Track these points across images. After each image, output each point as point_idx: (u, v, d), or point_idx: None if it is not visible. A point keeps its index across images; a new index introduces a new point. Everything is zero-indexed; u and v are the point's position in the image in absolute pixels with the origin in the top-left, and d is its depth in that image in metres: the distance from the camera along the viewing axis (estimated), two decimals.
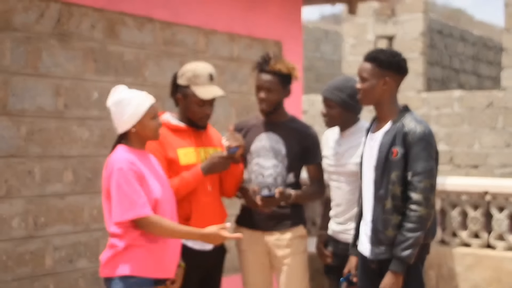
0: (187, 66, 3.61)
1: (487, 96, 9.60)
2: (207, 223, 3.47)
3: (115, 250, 3.07)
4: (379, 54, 3.33)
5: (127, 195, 3.00)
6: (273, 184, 3.78)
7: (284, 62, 3.76)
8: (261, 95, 3.75)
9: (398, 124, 3.26)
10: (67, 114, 4.40)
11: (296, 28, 6.22)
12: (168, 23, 5.07)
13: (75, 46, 4.45)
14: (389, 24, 10.80)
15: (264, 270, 3.91)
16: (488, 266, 5.52)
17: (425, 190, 3.16)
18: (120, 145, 3.18)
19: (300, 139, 3.82)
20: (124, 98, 3.15)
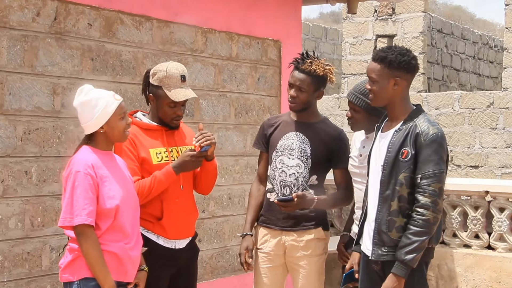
0: (159, 66, 3.60)
1: (488, 96, 9.61)
2: (178, 223, 3.51)
3: (74, 254, 3.05)
4: (387, 54, 3.28)
5: (78, 201, 2.97)
6: (294, 183, 3.78)
7: (321, 63, 3.76)
8: (292, 93, 3.76)
9: (410, 124, 3.24)
10: (64, 114, 4.40)
11: (295, 27, 6.22)
12: (166, 21, 5.07)
13: (72, 44, 4.45)
14: (389, 23, 10.81)
15: (277, 270, 3.89)
16: (489, 267, 5.53)
17: (433, 194, 3.13)
18: (84, 146, 3.15)
19: (328, 142, 3.81)
20: (91, 99, 3.12)
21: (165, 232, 3.51)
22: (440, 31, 12.41)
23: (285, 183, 3.80)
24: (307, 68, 3.72)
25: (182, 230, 3.61)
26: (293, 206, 3.64)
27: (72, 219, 2.99)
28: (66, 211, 3.01)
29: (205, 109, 5.38)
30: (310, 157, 3.79)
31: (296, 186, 3.76)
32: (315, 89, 3.77)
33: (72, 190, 3.00)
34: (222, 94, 5.55)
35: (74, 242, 3.06)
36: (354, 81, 10.51)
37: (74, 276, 3.04)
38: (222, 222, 5.54)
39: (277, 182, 3.82)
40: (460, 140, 9.69)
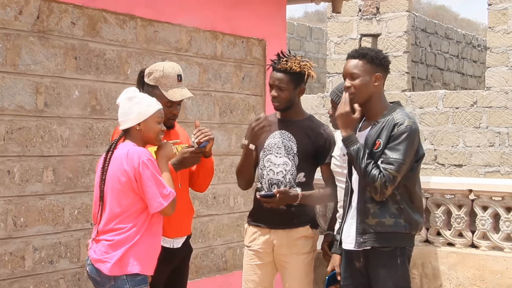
0: (156, 66, 3.62)
1: (471, 95, 9.66)
2: (176, 221, 3.54)
3: (124, 246, 3.16)
4: (367, 51, 3.39)
5: (162, 182, 3.18)
6: (282, 181, 3.81)
7: (298, 60, 3.80)
8: (273, 93, 3.82)
9: (388, 117, 3.31)
10: (47, 113, 4.37)
11: (280, 26, 6.22)
12: (150, 20, 5.05)
13: (55, 43, 4.42)
14: (374, 22, 10.83)
15: (266, 268, 3.91)
16: (472, 265, 5.55)
17: (387, 177, 3.20)
18: (127, 142, 3.28)
19: (313, 139, 3.86)
20: (136, 96, 3.31)
21: (164, 231, 3.51)
22: (424, 31, 12.46)
23: (272, 181, 3.83)
24: (283, 66, 3.77)
25: (180, 228, 3.65)
26: (275, 202, 3.69)
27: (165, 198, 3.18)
28: (157, 195, 3.17)
29: (189, 108, 5.36)
30: (296, 155, 3.82)
31: (283, 183, 3.80)
32: (295, 86, 3.80)
33: (154, 176, 3.16)
34: (207, 93, 5.53)
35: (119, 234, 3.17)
36: (339, 80, 10.53)
37: (123, 270, 3.16)
38: (207, 221, 5.53)
39: (266, 181, 3.86)
40: (444, 139, 9.73)
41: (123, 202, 3.18)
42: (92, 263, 3.23)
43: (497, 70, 9.58)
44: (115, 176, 3.20)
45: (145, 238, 3.21)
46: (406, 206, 3.30)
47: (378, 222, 3.29)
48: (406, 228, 3.30)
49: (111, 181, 3.21)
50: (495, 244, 5.55)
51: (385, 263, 3.31)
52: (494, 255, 5.50)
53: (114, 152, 3.26)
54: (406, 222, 3.30)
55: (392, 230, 3.29)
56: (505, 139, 9.34)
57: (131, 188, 3.17)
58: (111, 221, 3.20)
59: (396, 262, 3.31)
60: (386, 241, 3.30)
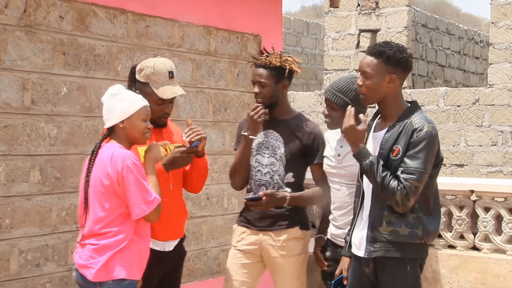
0: (146, 62, 3.61)
1: (473, 93, 9.66)
2: (167, 223, 3.53)
3: (109, 254, 3.13)
4: (386, 49, 3.26)
5: (146, 187, 3.16)
6: (270, 182, 3.82)
7: (278, 55, 3.82)
8: (255, 90, 3.84)
9: (405, 121, 3.23)
10: (35, 110, 4.35)
11: (276, 21, 6.21)
12: (142, 15, 5.03)
13: (42, 38, 4.40)
14: (373, 17, 10.83)
15: (250, 267, 3.91)
16: (474, 268, 5.55)
17: (408, 188, 3.13)
18: (111, 142, 3.26)
19: (302, 138, 3.86)
20: (120, 93, 3.29)
21: (155, 233, 3.51)
22: (424, 26, 12.46)
23: (261, 182, 3.86)
24: (263, 61, 3.80)
25: (172, 231, 3.64)
26: (262, 205, 3.69)
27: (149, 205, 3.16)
28: (140, 201, 3.14)
29: (182, 105, 5.34)
30: (284, 155, 3.84)
31: (271, 184, 3.81)
32: (276, 81, 3.82)
33: (137, 180, 3.14)
34: (200, 90, 5.52)
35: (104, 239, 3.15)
36: (336, 77, 10.52)
37: (109, 276, 3.14)
38: (200, 223, 5.52)
39: (254, 182, 3.88)
40: (445, 138, 9.73)
41: (107, 206, 3.17)
42: (77, 268, 3.22)
43: (500, 67, 9.58)
44: (98, 179, 3.18)
45: (132, 243, 3.19)
46: (424, 215, 3.24)
47: (393, 231, 3.23)
48: (422, 239, 3.25)
49: (94, 184, 3.20)
50: (498, 247, 5.55)
51: (395, 270, 3.27)
52: (496, 258, 5.50)
53: (98, 153, 3.24)
54: (423, 233, 3.23)
55: (406, 241, 3.23)
56: (508, 138, 9.35)
57: (114, 192, 3.15)
58: (95, 224, 3.18)
59: (406, 269, 3.26)
60: (398, 252, 3.23)
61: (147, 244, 3.30)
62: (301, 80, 15.08)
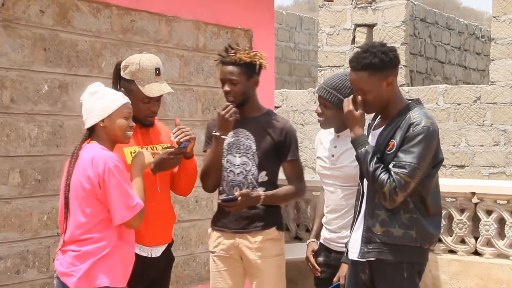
0: (132, 58, 3.60)
1: (474, 90, 9.69)
2: (155, 228, 3.53)
3: (92, 258, 3.12)
4: (369, 58, 3.25)
5: (129, 192, 3.15)
6: (243, 182, 3.85)
7: (246, 50, 3.87)
8: (225, 89, 3.85)
9: (404, 117, 3.25)
10: (14, 109, 4.35)
11: (267, 16, 6.22)
12: (127, 9, 5.03)
13: (22, 33, 4.39)
14: (369, 12, 10.85)
15: (234, 275, 3.95)
16: (475, 274, 5.58)
17: (398, 183, 3.14)
18: (92, 143, 3.25)
19: (273, 135, 3.89)
20: (99, 91, 3.28)
21: (141, 238, 3.50)
22: (423, 20, 12.49)
23: (234, 183, 3.88)
24: (232, 58, 3.82)
25: (159, 236, 3.63)
26: (237, 205, 3.73)
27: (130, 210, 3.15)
28: (121, 206, 3.13)
29: (169, 104, 5.35)
30: (256, 153, 3.87)
31: (245, 185, 3.85)
32: (247, 77, 3.85)
33: (119, 184, 3.13)
34: (188, 88, 5.52)
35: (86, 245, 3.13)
36: (331, 74, 10.53)
37: (91, 284, 3.13)
38: (189, 227, 5.53)
39: (227, 183, 3.90)
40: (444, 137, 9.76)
41: (88, 211, 3.15)
42: (58, 276, 3.20)
43: (502, 63, 9.62)
44: (78, 182, 3.17)
45: (115, 249, 3.18)
46: (420, 216, 3.23)
47: (386, 232, 3.24)
48: (417, 241, 3.24)
49: (75, 188, 3.19)
50: (500, 251, 5.58)
51: (390, 277, 3.27)
52: (499, 263, 5.53)
53: (79, 155, 3.23)
54: (418, 234, 3.22)
55: (400, 243, 3.23)
56: (511, 138, 9.39)
57: (95, 196, 3.14)
58: (76, 230, 3.17)
59: (402, 276, 3.26)
60: (392, 254, 3.24)
61: (131, 250, 3.30)
62: (294, 77, 15.09)
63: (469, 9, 33.78)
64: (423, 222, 3.24)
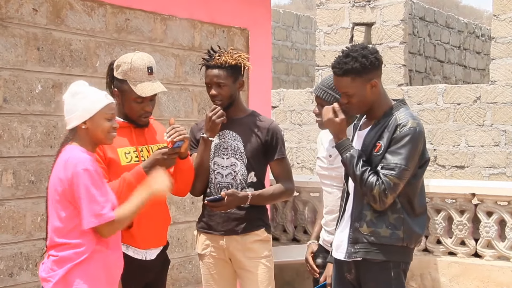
0: (123, 58, 3.60)
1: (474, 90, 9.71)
2: (149, 231, 3.51)
3: (68, 267, 3.07)
4: (351, 63, 3.30)
5: (97, 198, 3.06)
6: (232, 184, 3.88)
7: (230, 52, 3.90)
8: (212, 92, 3.88)
9: (390, 118, 3.30)
10: (7, 109, 4.35)
11: (264, 14, 6.23)
12: (121, 7, 5.04)
13: (15, 32, 4.40)
14: (367, 10, 10.87)
15: (225, 277, 3.99)
16: (476, 276, 5.59)
17: (387, 184, 3.19)
18: (72, 144, 3.19)
19: (260, 135, 3.94)
20: (82, 91, 3.21)
21: (135, 241, 3.50)
22: (422, 19, 12.51)
23: (222, 185, 3.90)
24: (217, 61, 3.86)
25: (154, 239, 3.63)
26: (224, 205, 3.75)
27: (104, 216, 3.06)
28: (93, 211, 3.05)
29: (165, 104, 5.36)
30: (244, 153, 3.91)
31: (234, 186, 3.89)
32: (233, 80, 3.89)
33: (88, 189, 3.05)
34: (184, 87, 5.53)
35: (65, 251, 3.08)
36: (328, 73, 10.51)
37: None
38: (185, 229, 5.53)
39: (214, 185, 3.92)
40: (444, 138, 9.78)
41: (63, 215, 3.10)
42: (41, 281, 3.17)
43: (503, 62, 9.64)
44: (53, 186, 3.13)
45: (95, 254, 3.11)
46: (407, 216, 3.29)
47: (373, 232, 3.29)
48: (404, 241, 3.29)
49: (51, 191, 3.15)
50: (501, 253, 5.59)
51: (377, 276, 3.32)
52: (499, 265, 5.54)
53: (58, 157, 3.19)
54: (405, 234, 3.28)
55: (388, 243, 3.28)
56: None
57: (68, 200, 3.09)
58: (53, 234, 3.13)
59: (390, 275, 3.31)
60: (379, 254, 3.29)
61: (116, 255, 3.24)
62: (291, 76, 15.10)
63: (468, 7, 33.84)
64: (409, 222, 3.30)
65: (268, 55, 6.31)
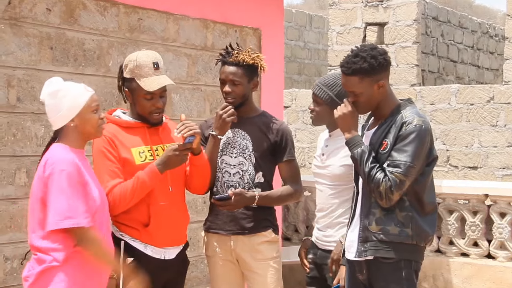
0: (129, 57, 3.60)
1: (487, 90, 9.68)
2: (167, 229, 3.50)
3: (44, 266, 3.03)
4: (359, 63, 3.32)
5: (68, 200, 2.98)
6: (240, 183, 3.87)
7: (248, 51, 3.89)
8: (226, 89, 3.87)
9: (396, 116, 3.32)
10: (20, 108, 4.37)
11: (276, 14, 6.23)
12: (134, 7, 5.06)
13: (28, 32, 4.42)
14: (380, 10, 10.86)
15: (233, 278, 3.98)
16: (488, 277, 5.58)
17: (393, 181, 3.21)
18: (57, 143, 3.15)
19: (269, 135, 3.93)
20: (60, 89, 3.14)
21: (153, 240, 3.50)
22: (435, 19, 12.49)
23: (229, 184, 3.89)
24: (235, 59, 3.85)
25: (172, 237, 3.61)
26: (231, 204, 3.74)
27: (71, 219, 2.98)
28: (59, 212, 2.98)
29: (177, 104, 5.37)
30: (252, 153, 3.90)
31: (241, 185, 3.87)
32: (248, 79, 3.88)
33: (61, 190, 2.98)
34: (196, 87, 5.54)
35: (43, 252, 3.05)
36: None
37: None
38: (197, 228, 5.53)
39: (221, 184, 3.91)
40: (457, 138, 9.76)
41: (40, 216, 3.05)
42: None
43: None
44: (33, 186, 3.10)
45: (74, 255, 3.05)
46: (416, 214, 3.30)
47: (382, 229, 3.30)
48: (413, 239, 3.30)
49: (32, 192, 3.11)
50: None
51: (388, 276, 3.32)
52: None
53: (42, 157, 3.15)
54: (414, 232, 3.29)
55: (397, 240, 3.29)
56: None
57: (43, 201, 3.04)
58: (32, 234, 3.09)
59: (401, 275, 3.31)
60: (389, 252, 3.30)
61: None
62: (303, 76, 15.11)
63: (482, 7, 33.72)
64: (418, 220, 3.31)
65: (280, 55, 6.32)
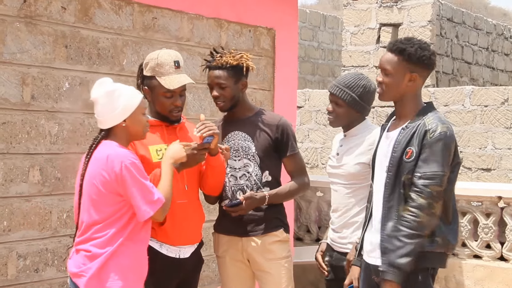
0: (151, 55, 3.63)
1: (502, 92, 9.64)
2: (182, 227, 3.51)
3: (100, 261, 3.11)
4: (407, 46, 3.29)
5: (148, 188, 3.14)
6: (247, 185, 3.87)
7: (232, 53, 3.89)
8: (214, 94, 3.88)
9: (418, 122, 3.26)
10: (35, 106, 4.39)
11: (291, 14, 6.23)
12: (149, 6, 5.06)
13: (43, 30, 4.44)
14: (394, 11, 10.83)
15: (244, 279, 3.98)
16: (501, 280, 5.55)
17: (430, 196, 3.16)
18: (108, 141, 3.22)
19: (269, 132, 3.91)
20: (115, 89, 3.23)
21: (168, 238, 3.51)
22: (450, 20, 12.44)
23: (237, 187, 3.89)
24: (218, 62, 3.85)
25: (188, 236, 3.63)
26: (243, 209, 3.76)
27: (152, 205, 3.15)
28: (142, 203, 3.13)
29: (191, 103, 5.38)
30: (256, 153, 3.88)
31: (249, 187, 3.87)
32: (235, 81, 3.87)
33: (138, 181, 3.12)
34: None
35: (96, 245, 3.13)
36: None
37: (102, 284, 3.10)
38: (208, 228, 5.53)
39: (229, 188, 3.91)
40: (471, 140, 9.72)
41: (103, 209, 3.14)
42: (70, 277, 3.20)
43: None
44: (93, 182, 3.16)
45: (127, 248, 3.15)
46: (442, 224, 3.26)
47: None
48: (442, 248, 3.26)
49: (89, 187, 3.17)
50: None
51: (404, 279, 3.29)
52: None
53: (93, 154, 3.22)
54: (443, 241, 3.25)
55: (426, 249, 3.24)
56: None
57: (111, 195, 3.13)
58: (88, 229, 3.17)
59: (417, 278, 3.27)
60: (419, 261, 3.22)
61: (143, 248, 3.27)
62: (317, 77, 15.09)
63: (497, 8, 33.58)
64: (444, 229, 3.27)
65: (294, 55, 6.32)
